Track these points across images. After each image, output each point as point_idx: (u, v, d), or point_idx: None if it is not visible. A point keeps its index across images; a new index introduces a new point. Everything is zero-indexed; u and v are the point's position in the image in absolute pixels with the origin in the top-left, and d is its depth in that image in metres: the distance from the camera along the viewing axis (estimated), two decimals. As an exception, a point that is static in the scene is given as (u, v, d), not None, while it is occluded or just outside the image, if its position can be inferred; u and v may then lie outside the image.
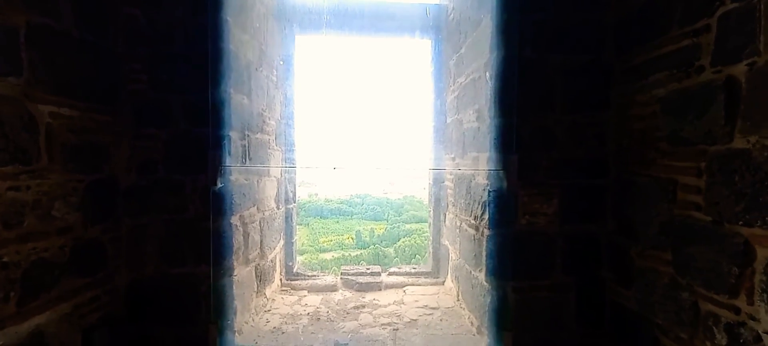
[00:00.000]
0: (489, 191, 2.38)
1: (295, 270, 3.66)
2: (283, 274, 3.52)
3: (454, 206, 3.27)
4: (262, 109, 2.97)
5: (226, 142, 2.35)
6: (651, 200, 1.97)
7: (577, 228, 2.36)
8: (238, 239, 2.54)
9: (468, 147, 2.85)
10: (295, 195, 3.75)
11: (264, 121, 3.00)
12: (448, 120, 3.49)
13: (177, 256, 2.31)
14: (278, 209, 3.37)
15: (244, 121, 2.61)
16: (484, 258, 2.47)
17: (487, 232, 2.44)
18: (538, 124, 2.30)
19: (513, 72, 2.24)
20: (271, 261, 3.19)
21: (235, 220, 2.50)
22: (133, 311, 2.31)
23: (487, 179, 2.45)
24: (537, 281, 2.36)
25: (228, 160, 2.37)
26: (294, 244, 3.69)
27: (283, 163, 3.46)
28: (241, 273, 2.59)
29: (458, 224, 3.10)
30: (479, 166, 2.63)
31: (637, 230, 2.08)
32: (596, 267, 2.38)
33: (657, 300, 1.91)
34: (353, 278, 3.58)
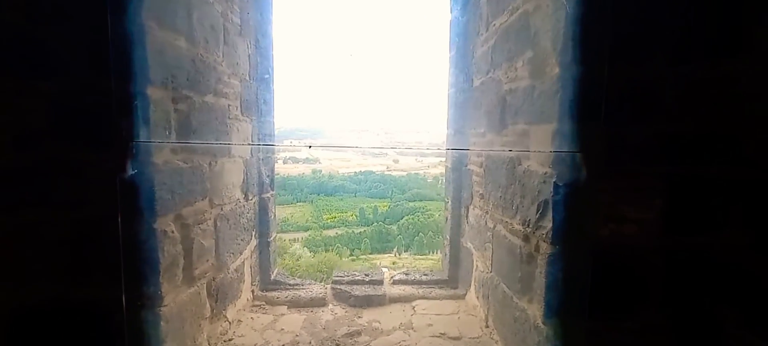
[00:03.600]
0: (554, 185, 1.51)
1: (273, 278, 2.86)
2: (256, 284, 2.72)
3: (483, 199, 2.41)
4: (215, 61, 2.08)
5: (139, 103, 1.49)
6: None
7: (684, 241, 1.51)
8: (170, 250, 1.71)
9: (511, 116, 1.96)
10: (272, 180, 2.90)
11: (219, 79, 2.12)
12: (476, 82, 2.58)
13: (80, 272, 1.52)
14: (247, 199, 2.53)
15: (178, 75, 1.74)
16: (540, 287, 1.62)
17: (546, 247, 1.58)
18: (632, 78, 1.42)
19: (608, -14, 1.33)
20: (236, 271, 2.38)
21: (165, 222, 1.67)
22: (19, 352, 1.53)
23: (548, 166, 1.57)
24: (620, 321, 1.54)
25: (143, 133, 1.51)
26: (271, 244, 2.86)
27: (253, 138, 2.59)
28: (178, 299, 1.78)
29: (491, 225, 2.24)
30: (531, 145, 1.74)
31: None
32: (709, 300, 1.54)
33: None
34: (348, 288, 2.77)
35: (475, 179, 2.58)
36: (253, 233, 2.66)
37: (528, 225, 1.73)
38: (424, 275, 3.07)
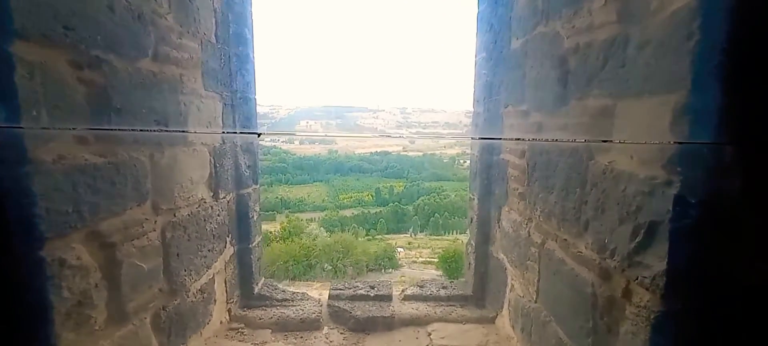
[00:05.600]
0: (678, 200, 0.88)
1: (257, 291, 2.34)
2: (234, 301, 2.20)
3: (524, 201, 1.79)
4: (155, 12, 1.49)
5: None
6: None
7: None
8: (77, 285, 1.18)
9: (579, 86, 1.32)
10: (256, 172, 2.35)
11: (163, 39, 1.53)
12: (516, 43, 1.92)
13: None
14: (217, 199, 1.98)
15: (81, 27, 1.17)
16: (635, 359, 1.01)
17: (649, 298, 0.97)
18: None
19: None
20: (201, 291, 1.86)
21: (63, 247, 1.13)
22: None
23: (660, 166, 0.94)
24: None
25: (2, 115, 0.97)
26: (255, 250, 2.33)
27: (225, 120, 2.02)
28: (97, 349, 1.26)
29: (537, 239, 1.63)
30: (618, 129, 1.11)
31: None
32: None
33: None
34: (348, 306, 2.23)
35: (513, 172, 1.96)
36: (228, 240, 2.12)
37: (611, 255, 1.11)
38: (443, 287, 2.50)
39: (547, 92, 1.57)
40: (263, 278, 2.49)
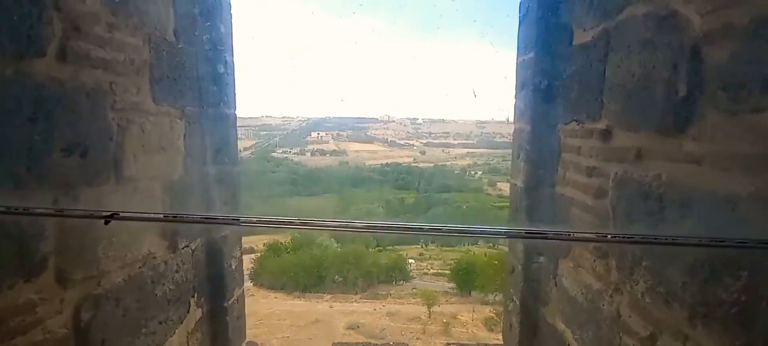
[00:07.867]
0: None
1: (234, 362, 1.81)
2: (201, 380, 1.68)
3: (605, 260, 1.23)
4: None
5: None
6: None
7: None
8: None
9: (733, 89, 0.77)
10: (237, 208, 1.84)
11: (76, 29, 1.05)
12: (583, 37, 1.38)
13: None
14: (175, 249, 1.47)
15: None
16: None
17: None
18: None
19: None
20: (146, 383, 1.34)
21: None
22: None
23: None
24: None
25: None
26: (233, 309, 1.81)
27: (188, 140, 1.51)
28: None
29: (640, 330, 1.06)
30: None
31: None
32: None
33: None
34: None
35: (581, 215, 1.40)
36: (192, 301, 1.60)
37: None
38: (476, 355, 1.93)
39: (651, 102, 1.02)
40: (246, 341, 1.96)
